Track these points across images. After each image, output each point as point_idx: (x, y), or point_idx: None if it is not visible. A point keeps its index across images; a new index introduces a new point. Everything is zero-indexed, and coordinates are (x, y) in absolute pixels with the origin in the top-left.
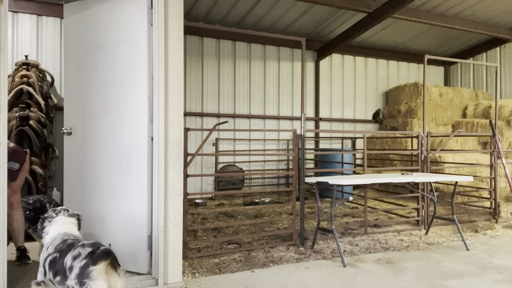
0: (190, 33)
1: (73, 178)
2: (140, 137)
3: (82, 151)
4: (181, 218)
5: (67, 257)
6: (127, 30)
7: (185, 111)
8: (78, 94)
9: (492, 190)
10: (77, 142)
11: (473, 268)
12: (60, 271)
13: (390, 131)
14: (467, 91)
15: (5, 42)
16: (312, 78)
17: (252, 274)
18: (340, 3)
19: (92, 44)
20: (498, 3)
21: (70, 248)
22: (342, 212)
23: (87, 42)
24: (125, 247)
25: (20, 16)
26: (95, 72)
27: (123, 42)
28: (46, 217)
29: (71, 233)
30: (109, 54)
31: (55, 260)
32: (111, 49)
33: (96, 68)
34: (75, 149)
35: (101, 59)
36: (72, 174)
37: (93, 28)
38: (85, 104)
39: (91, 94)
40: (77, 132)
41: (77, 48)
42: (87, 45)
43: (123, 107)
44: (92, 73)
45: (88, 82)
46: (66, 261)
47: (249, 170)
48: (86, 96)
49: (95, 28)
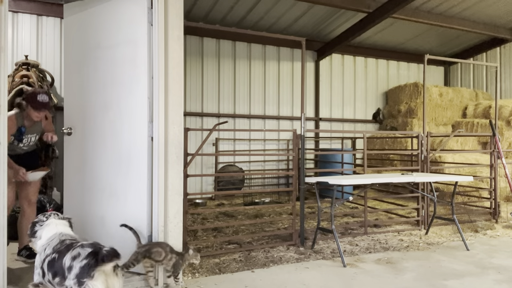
0: (190, 33)
1: (73, 179)
2: (140, 137)
3: (81, 151)
4: (181, 218)
5: (66, 257)
6: (127, 30)
7: (185, 111)
8: (78, 94)
9: (492, 190)
10: (77, 142)
11: (473, 268)
12: (59, 271)
13: (390, 131)
14: (467, 91)
15: (5, 42)
16: (312, 78)
17: (252, 274)
18: (340, 3)
19: (92, 44)
20: (498, 3)
21: (68, 249)
22: (342, 212)
23: (87, 42)
24: (125, 247)
25: (20, 16)
26: (95, 72)
27: (123, 42)
28: (36, 222)
29: (68, 234)
30: (109, 54)
31: (53, 261)
32: (111, 49)
33: (96, 68)
34: (75, 149)
35: (101, 59)
36: (72, 174)
37: (93, 28)
38: (85, 104)
39: (91, 94)
40: (77, 132)
41: (77, 48)
42: (87, 45)
43: (123, 107)
44: (92, 73)
45: (88, 82)
46: (65, 261)
47: (249, 170)
48: (86, 96)
49: (95, 28)
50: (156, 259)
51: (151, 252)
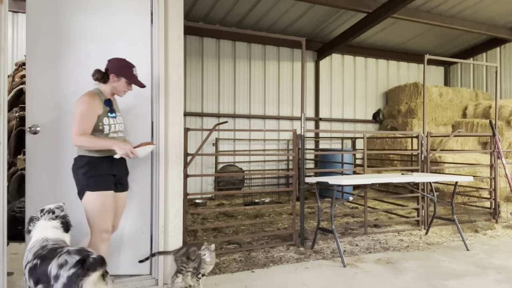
0: (190, 33)
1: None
2: (140, 137)
3: (56, 151)
4: (181, 218)
5: (52, 265)
6: (125, 26)
7: (185, 111)
8: (50, 89)
9: (492, 190)
10: (47, 141)
11: (473, 268)
12: (41, 279)
13: (390, 131)
14: (467, 91)
15: (5, 42)
16: (312, 78)
17: (252, 274)
18: (340, 3)
19: (73, 34)
20: (498, 3)
21: (53, 255)
22: (342, 212)
23: (66, 31)
24: (124, 248)
25: (20, 16)
26: (77, 66)
27: (120, 38)
28: (33, 218)
29: (53, 238)
30: (100, 48)
31: (35, 268)
32: (103, 43)
33: (80, 61)
34: (44, 149)
35: (88, 52)
36: (43, 178)
37: (77, 16)
38: (61, 100)
39: (71, 90)
40: (48, 130)
41: (50, 35)
42: (66, 35)
43: (121, 105)
44: (73, 67)
45: (66, 77)
46: (51, 269)
47: (249, 170)
48: (64, 92)
49: (81, 17)
50: (192, 259)
51: (189, 252)
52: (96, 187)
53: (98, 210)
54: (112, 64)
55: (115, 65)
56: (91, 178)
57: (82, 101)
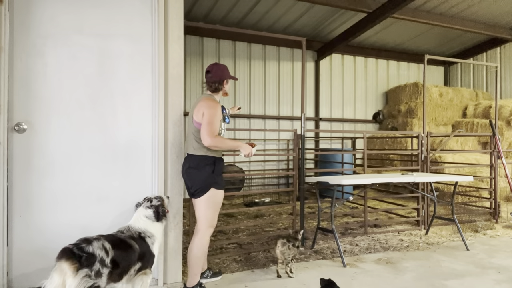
0: (190, 33)
1: (31, 185)
2: (139, 137)
3: (46, 152)
4: (181, 218)
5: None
6: (126, 24)
7: (185, 111)
8: (37, 83)
9: (492, 190)
10: (36, 141)
11: (473, 268)
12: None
13: (390, 131)
14: (467, 91)
15: (5, 42)
16: (312, 78)
17: (252, 274)
18: (340, 3)
19: (67, 26)
20: (498, 3)
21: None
22: (342, 212)
23: (59, 22)
24: None
25: None
26: (70, 60)
27: (120, 35)
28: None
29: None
30: (97, 44)
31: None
32: (102, 40)
33: (74, 56)
34: (33, 149)
35: (83, 46)
36: (30, 180)
37: (71, 8)
38: (51, 96)
39: (63, 85)
40: (36, 129)
41: (38, 26)
42: (59, 27)
43: (118, 104)
44: (66, 61)
45: (57, 71)
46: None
47: (249, 170)
48: (53, 86)
49: (76, 9)
50: (296, 245)
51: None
52: (221, 185)
53: (216, 207)
54: (218, 72)
55: (221, 71)
56: (218, 176)
57: (211, 106)
